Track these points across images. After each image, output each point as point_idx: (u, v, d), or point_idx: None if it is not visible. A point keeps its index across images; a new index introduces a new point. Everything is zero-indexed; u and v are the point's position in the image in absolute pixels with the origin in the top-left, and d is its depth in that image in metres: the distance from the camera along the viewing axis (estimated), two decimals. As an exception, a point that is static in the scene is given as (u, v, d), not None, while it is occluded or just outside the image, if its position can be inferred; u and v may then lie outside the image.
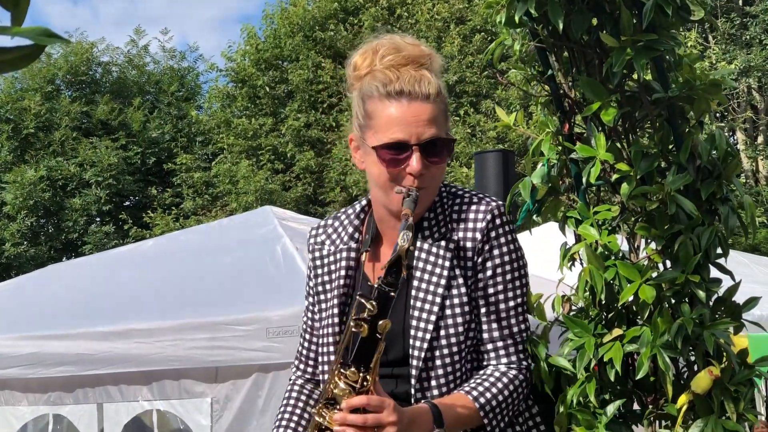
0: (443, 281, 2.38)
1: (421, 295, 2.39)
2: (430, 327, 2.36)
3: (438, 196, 2.46)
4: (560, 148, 2.61)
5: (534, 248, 4.34)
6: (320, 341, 2.56)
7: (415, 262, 2.41)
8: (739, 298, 2.54)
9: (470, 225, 2.40)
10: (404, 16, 21.12)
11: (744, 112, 22.75)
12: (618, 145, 2.51)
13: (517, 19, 2.46)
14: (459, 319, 2.37)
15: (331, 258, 2.58)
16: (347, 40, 21.19)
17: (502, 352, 2.41)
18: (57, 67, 24.93)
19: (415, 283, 2.40)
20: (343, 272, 2.54)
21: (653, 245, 2.49)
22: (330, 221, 2.66)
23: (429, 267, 2.40)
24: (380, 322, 2.16)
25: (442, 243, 2.40)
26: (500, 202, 2.44)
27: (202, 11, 65.07)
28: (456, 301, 2.38)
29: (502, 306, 2.40)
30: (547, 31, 2.55)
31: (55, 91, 24.85)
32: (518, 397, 2.41)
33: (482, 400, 2.33)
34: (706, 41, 21.86)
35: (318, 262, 2.61)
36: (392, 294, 2.14)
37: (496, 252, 2.39)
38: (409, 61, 2.43)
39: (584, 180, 2.47)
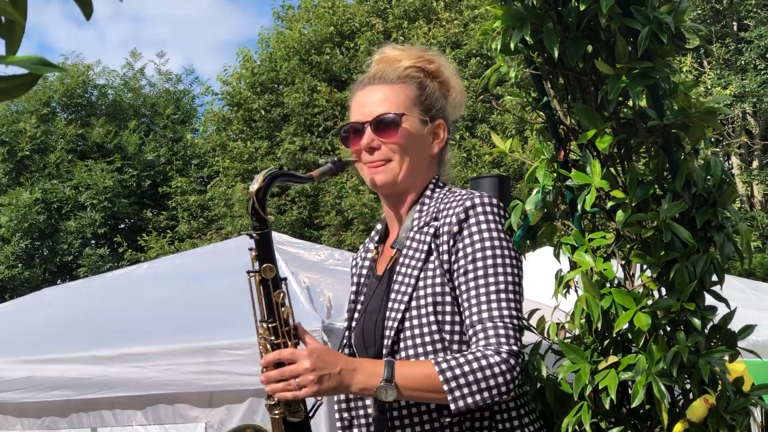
0: (420, 264, 2.46)
1: (400, 278, 2.47)
2: (402, 306, 2.43)
3: (432, 190, 2.57)
4: (555, 174, 2.61)
5: (529, 273, 4.32)
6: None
7: (404, 249, 2.51)
8: (735, 323, 2.54)
9: (450, 212, 2.45)
10: (400, 41, 21.15)
11: (739, 137, 22.81)
12: (613, 172, 2.52)
13: (512, 46, 2.47)
14: (429, 299, 2.41)
15: (360, 256, 2.80)
16: (343, 64, 21.22)
17: (480, 335, 2.34)
18: (52, 89, 24.91)
19: (399, 267, 2.49)
20: (359, 262, 2.76)
21: (648, 272, 2.49)
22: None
23: (411, 252, 2.49)
24: (263, 266, 2.38)
25: (425, 229, 2.49)
26: (489, 196, 2.48)
27: (207, 35, 65.24)
28: (429, 282, 2.43)
29: (482, 290, 2.37)
30: (543, 58, 2.55)
31: (51, 113, 24.79)
32: (492, 377, 2.28)
33: (444, 365, 2.29)
34: (701, 66, 21.91)
35: (353, 263, 2.82)
36: (256, 236, 2.37)
37: (473, 238, 2.41)
38: (388, 62, 2.64)
39: (579, 207, 2.47)
